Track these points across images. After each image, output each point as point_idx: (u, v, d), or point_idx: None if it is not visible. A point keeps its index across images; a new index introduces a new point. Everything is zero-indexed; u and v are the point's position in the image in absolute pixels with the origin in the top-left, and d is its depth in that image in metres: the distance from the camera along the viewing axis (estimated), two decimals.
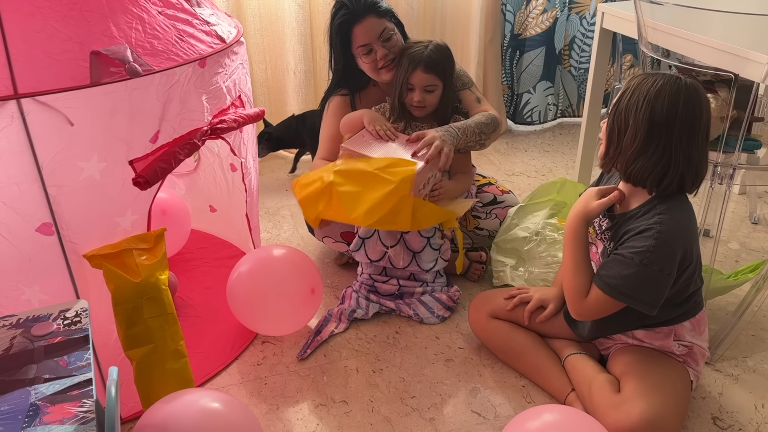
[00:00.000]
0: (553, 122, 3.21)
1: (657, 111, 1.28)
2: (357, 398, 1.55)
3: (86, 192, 1.22)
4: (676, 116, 1.28)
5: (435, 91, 1.80)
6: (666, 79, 1.30)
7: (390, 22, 1.83)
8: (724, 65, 1.68)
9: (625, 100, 1.32)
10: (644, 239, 1.30)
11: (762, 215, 2.32)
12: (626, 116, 1.32)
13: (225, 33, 1.53)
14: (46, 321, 1.03)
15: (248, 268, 1.67)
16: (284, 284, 1.65)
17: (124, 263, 1.29)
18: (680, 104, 1.27)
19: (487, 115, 1.86)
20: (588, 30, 3.03)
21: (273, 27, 2.62)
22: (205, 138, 1.40)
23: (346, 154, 1.65)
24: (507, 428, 1.25)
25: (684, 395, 1.38)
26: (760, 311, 1.79)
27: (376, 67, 1.84)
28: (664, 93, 1.28)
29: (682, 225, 1.33)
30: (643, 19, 1.84)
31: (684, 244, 1.32)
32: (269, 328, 1.71)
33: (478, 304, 1.67)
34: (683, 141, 1.29)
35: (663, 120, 1.28)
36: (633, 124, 1.31)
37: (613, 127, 1.36)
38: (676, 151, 1.29)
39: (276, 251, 1.72)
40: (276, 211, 2.45)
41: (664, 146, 1.29)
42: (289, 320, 1.70)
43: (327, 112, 1.98)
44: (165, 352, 1.32)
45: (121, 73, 1.21)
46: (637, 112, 1.30)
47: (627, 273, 1.31)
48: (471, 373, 1.63)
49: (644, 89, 1.30)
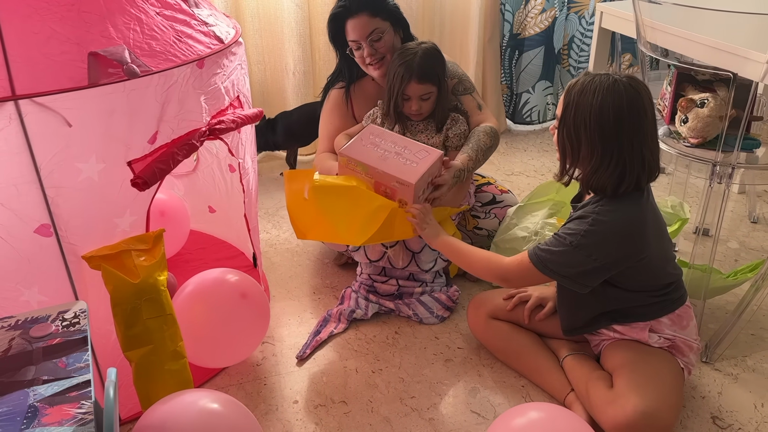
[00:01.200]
0: (552, 122, 3.20)
1: (605, 126, 1.30)
2: (356, 398, 1.55)
3: (85, 193, 1.22)
4: (623, 125, 1.30)
5: (431, 97, 1.81)
6: (604, 87, 1.30)
7: (384, 22, 1.83)
8: (722, 64, 1.68)
9: (571, 116, 1.34)
10: (580, 223, 1.35)
11: (761, 214, 2.32)
12: (576, 134, 1.34)
13: (223, 34, 1.52)
14: (44, 322, 1.03)
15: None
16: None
17: (122, 264, 1.29)
18: (625, 112, 1.29)
19: (488, 132, 1.87)
20: (587, 29, 3.03)
21: (272, 27, 2.62)
22: (204, 139, 1.40)
23: (344, 160, 1.64)
24: (493, 426, 1.25)
25: (676, 386, 1.39)
26: (760, 310, 1.79)
27: (365, 63, 1.86)
28: (606, 105, 1.29)
29: (623, 217, 1.34)
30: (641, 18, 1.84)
31: (624, 235, 1.34)
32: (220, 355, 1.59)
33: (477, 305, 1.67)
34: (635, 145, 1.31)
35: (613, 132, 1.30)
36: (585, 141, 1.33)
37: (566, 144, 1.38)
38: (630, 157, 1.32)
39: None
40: (275, 211, 2.45)
41: (618, 155, 1.32)
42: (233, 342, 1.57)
43: (326, 107, 2.00)
44: (164, 353, 1.32)
45: (119, 74, 1.21)
46: (587, 130, 1.32)
47: (556, 250, 1.37)
48: (470, 373, 1.63)
49: (587, 104, 1.31)
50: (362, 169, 1.61)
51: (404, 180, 1.57)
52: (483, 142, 1.84)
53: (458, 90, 1.94)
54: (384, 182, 1.60)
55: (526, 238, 1.92)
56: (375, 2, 1.82)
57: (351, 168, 1.63)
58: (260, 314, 1.61)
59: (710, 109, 1.71)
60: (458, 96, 1.94)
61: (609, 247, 1.34)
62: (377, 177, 1.61)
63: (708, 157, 1.73)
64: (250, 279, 1.62)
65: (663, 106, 1.88)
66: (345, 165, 1.65)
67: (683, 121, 1.78)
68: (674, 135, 1.82)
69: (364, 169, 1.61)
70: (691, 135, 1.77)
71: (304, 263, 2.11)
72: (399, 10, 1.89)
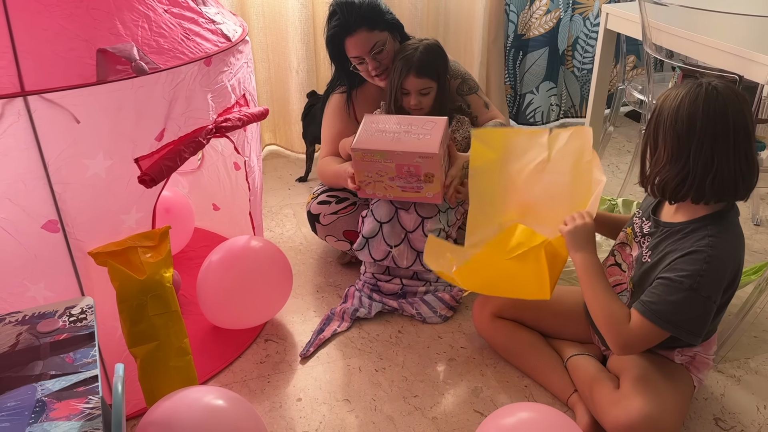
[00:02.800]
0: (556, 123, 3.21)
1: (679, 125, 1.23)
2: (360, 397, 1.56)
3: (92, 189, 1.23)
4: (696, 126, 1.21)
5: (430, 93, 1.80)
6: (687, 89, 1.24)
7: (383, 33, 1.82)
8: (728, 67, 1.68)
9: (654, 118, 1.29)
10: (694, 262, 1.23)
11: (765, 217, 2.32)
12: (655, 135, 1.28)
13: (230, 32, 1.53)
14: (51, 318, 1.04)
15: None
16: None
17: (128, 261, 1.29)
18: (700, 113, 1.21)
19: (498, 126, 1.87)
20: (591, 30, 3.03)
21: (276, 26, 2.62)
22: (210, 136, 1.41)
23: (359, 155, 1.65)
24: (482, 425, 1.26)
25: (684, 394, 1.38)
26: (763, 313, 1.79)
27: (370, 75, 1.86)
28: (683, 106, 1.23)
29: (733, 249, 1.27)
30: (647, 20, 1.84)
31: (732, 269, 1.26)
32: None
33: (482, 303, 1.68)
34: (704, 149, 1.21)
35: (684, 133, 1.23)
36: (662, 142, 1.27)
37: (645, 147, 1.32)
38: (694, 161, 1.23)
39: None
40: (279, 209, 2.46)
41: (685, 157, 1.24)
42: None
43: (327, 111, 1.99)
44: (169, 349, 1.33)
45: (127, 71, 1.22)
46: (665, 131, 1.25)
47: (674, 299, 1.23)
48: (473, 372, 1.63)
49: (667, 106, 1.25)
50: (380, 156, 1.63)
51: (426, 152, 1.59)
52: None
53: (463, 90, 1.94)
54: (405, 162, 1.62)
55: None
56: (371, 16, 1.79)
57: (367, 160, 1.64)
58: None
59: None
60: (464, 96, 1.94)
61: (723, 282, 1.25)
62: (397, 159, 1.63)
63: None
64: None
65: None
66: (360, 159, 1.66)
67: None
68: None
69: (382, 156, 1.63)
70: None
71: (308, 261, 2.11)
72: (392, 15, 1.87)
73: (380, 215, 1.80)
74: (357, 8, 1.78)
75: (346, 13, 1.78)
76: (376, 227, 1.80)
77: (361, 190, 1.75)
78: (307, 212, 1.98)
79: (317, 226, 1.96)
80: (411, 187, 1.67)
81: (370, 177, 1.70)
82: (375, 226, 1.80)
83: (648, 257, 1.35)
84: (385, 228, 1.80)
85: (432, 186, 1.65)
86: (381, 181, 1.69)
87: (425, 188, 1.66)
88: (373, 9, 1.81)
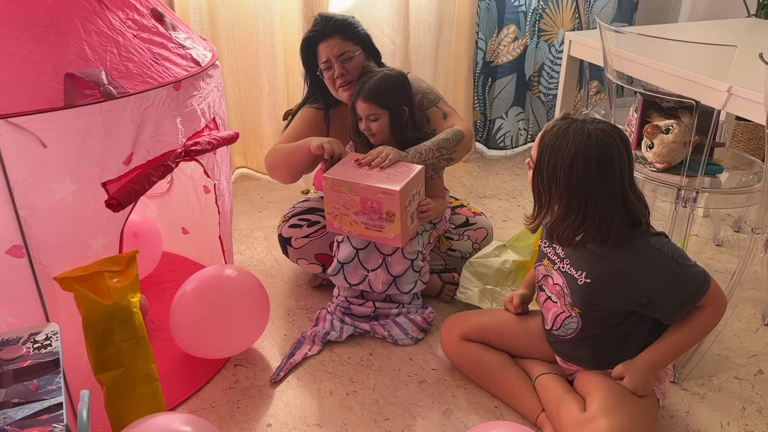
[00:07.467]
0: (524, 146, 3.26)
1: (573, 179, 1.32)
2: (331, 421, 1.55)
3: (58, 214, 1.22)
4: (590, 183, 1.31)
5: (379, 119, 1.80)
6: (578, 138, 1.31)
7: (356, 46, 1.86)
8: (686, 92, 1.74)
9: (545, 163, 1.35)
10: (655, 256, 1.36)
11: (725, 237, 2.39)
12: (549, 185, 1.36)
13: (200, 56, 1.54)
14: (15, 344, 1.02)
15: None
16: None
17: (95, 286, 1.28)
18: (593, 168, 1.30)
19: (448, 131, 1.84)
20: (556, 57, 3.11)
21: (247, 50, 2.64)
22: (179, 160, 1.41)
23: (329, 183, 1.67)
24: None
25: (649, 413, 1.40)
26: (725, 331, 1.84)
27: (335, 85, 1.88)
28: (577, 159, 1.31)
29: (658, 241, 1.39)
30: (608, 47, 1.90)
31: (673, 245, 1.39)
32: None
33: (449, 326, 1.68)
34: (599, 202, 1.32)
35: (580, 188, 1.32)
36: (556, 192, 1.35)
37: (539, 190, 1.39)
38: (592, 213, 1.33)
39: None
40: (249, 233, 2.45)
41: (583, 210, 1.33)
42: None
43: (298, 115, 2.01)
44: (136, 375, 1.31)
45: (95, 95, 1.22)
46: (557, 180, 1.34)
47: (682, 284, 1.36)
48: (444, 394, 1.64)
49: (559, 154, 1.33)
50: (347, 188, 1.65)
51: (389, 189, 1.61)
52: (437, 137, 1.82)
53: (423, 105, 1.93)
54: (369, 196, 1.64)
55: (500, 270, 1.97)
56: (347, 27, 1.86)
57: (336, 190, 1.68)
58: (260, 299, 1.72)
59: (675, 135, 1.77)
60: (424, 111, 1.93)
61: (681, 251, 1.39)
62: (362, 193, 1.64)
63: (673, 182, 1.79)
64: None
65: (630, 132, 1.94)
66: (330, 188, 1.68)
67: (649, 147, 1.83)
68: (641, 160, 1.88)
69: (349, 188, 1.65)
70: (656, 160, 1.83)
71: (279, 285, 2.11)
72: (370, 39, 1.91)
73: (357, 242, 1.80)
74: (337, 19, 1.87)
75: (325, 22, 1.86)
76: (352, 253, 1.81)
77: (329, 223, 1.76)
78: (279, 236, 1.98)
79: (289, 249, 1.96)
80: (374, 225, 1.69)
81: (337, 209, 1.71)
82: (351, 252, 1.81)
83: (583, 277, 1.40)
84: (361, 254, 1.80)
85: (393, 226, 1.66)
86: (347, 215, 1.71)
87: (386, 227, 1.67)
88: (352, 23, 1.88)
